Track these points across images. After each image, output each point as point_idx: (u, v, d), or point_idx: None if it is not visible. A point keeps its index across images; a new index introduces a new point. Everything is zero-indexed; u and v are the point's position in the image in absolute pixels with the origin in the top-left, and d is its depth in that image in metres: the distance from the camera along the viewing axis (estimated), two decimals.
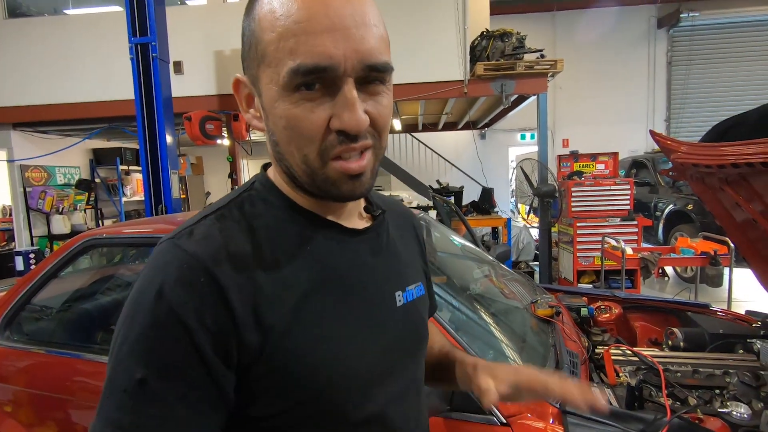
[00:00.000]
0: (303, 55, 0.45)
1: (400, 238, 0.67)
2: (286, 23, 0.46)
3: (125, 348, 0.46)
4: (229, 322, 0.46)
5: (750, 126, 1.64)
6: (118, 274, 2.56)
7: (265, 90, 0.50)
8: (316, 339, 0.50)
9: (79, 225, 6.49)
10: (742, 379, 1.39)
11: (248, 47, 0.51)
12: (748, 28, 9.20)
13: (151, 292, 0.46)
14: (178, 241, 0.49)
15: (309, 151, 0.49)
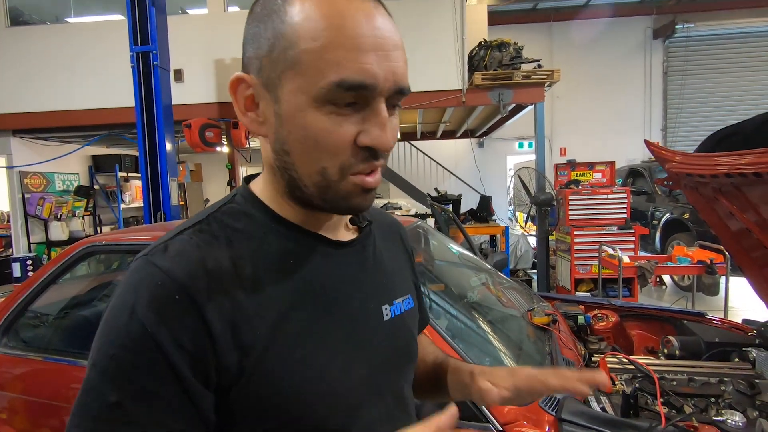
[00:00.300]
0: (350, 70, 0.44)
1: (387, 249, 0.65)
2: (334, 35, 0.44)
3: (96, 370, 0.44)
4: (206, 342, 0.44)
5: (745, 136, 1.66)
6: (116, 281, 2.56)
7: (288, 97, 0.47)
8: (298, 359, 0.48)
9: (78, 231, 6.49)
10: (737, 388, 1.40)
11: (268, 47, 0.47)
12: (742, 39, 9.33)
13: (124, 312, 0.45)
14: (152, 257, 0.47)
15: (330, 165, 0.47)
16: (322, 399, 0.50)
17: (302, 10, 0.45)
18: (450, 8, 4.97)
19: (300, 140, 0.47)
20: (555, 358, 1.35)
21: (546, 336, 1.50)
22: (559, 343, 1.43)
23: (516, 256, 6.22)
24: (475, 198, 6.23)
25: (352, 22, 0.44)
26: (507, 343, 1.45)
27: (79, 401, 0.45)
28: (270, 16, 0.47)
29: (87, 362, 0.46)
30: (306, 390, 0.48)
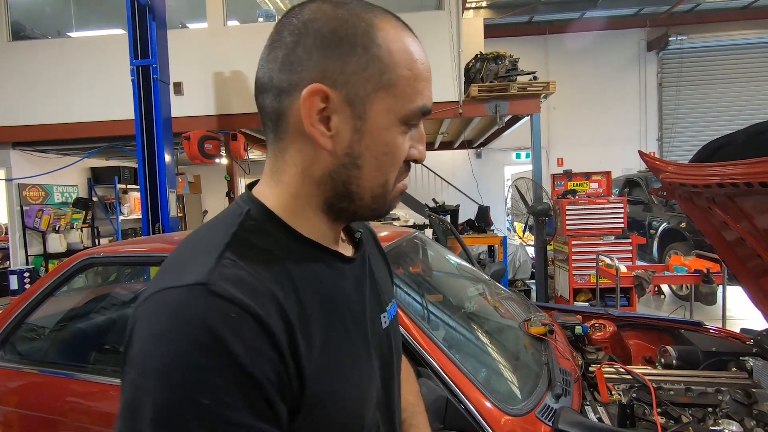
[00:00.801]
0: (427, 99, 0.52)
1: (372, 256, 0.67)
2: (421, 69, 0.51)
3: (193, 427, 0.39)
4: (282, 367, 0.44)
5: (738, 146, 1.68)
6: (114, 293, 2.56)
7: (376, 114, 0.50)
8: (339, 378, 0.50)
9: (76, 244, 6.48)
10: (734, 397, 1.40)
11: (364, 68, 0.49)
12: (734, 51, 9.47)
13: (202, 351, 0.40)
14: (213, 287, 0.42)
15: (391, 176, 0.53)
16: (360, 409, 0.53)
17: (394, 40, 0.50)
18: (446, 22, 5.05)
19: (377, 154, 0.51)
20: (551, 368, 1.35)
21: (543, 346, 1.50)
22: (555, 353, 1.44)
23: (514, 266, 6.22)
24: (474, 208, 6.25)
25: (423, 59, 0.52)
26: (504, 353, 1.45)
27: None
28: (357, 40, 0.49)
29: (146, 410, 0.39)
30: (348, 404, 0.51)
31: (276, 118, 0.52)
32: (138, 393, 0.40)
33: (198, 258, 0.46)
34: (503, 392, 1.20)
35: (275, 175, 0.54)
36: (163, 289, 0.44)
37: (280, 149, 0.53)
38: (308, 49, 0.49)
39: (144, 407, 0.39)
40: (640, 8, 8.97)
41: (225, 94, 5.31)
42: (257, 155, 8.28)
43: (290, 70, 0.49)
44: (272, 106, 0.52)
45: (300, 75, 0.49)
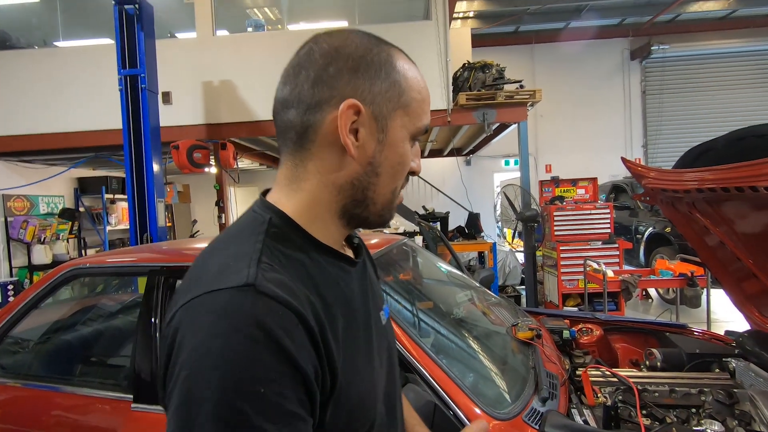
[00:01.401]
0: (426, 119, 0.62)
1: (367, 262, 0.72)
2: (425, 94, 0.62)
3: (251, 415, 0.42)
4: (318, 361, 0.49)
5: (719, 152, 1.73)
6: (100, 304, 2.52)
7: (394, 129, 0.58)
8: (357, 370, 0.56)
9: (61, 255, 6.37)
10: (716, 398, 1.42)
11: (387, 88, 0.57)
12: (714, 59, 9.75)
13: (257, 345, 0.43)
14: (261, 288, 0.46)
15: (398, 185, 0.61)
16: (372, 399, 0.58)
17: (408, 68, 0.60)
18: (434, 31, 5.12)
19: (394, 164, 0.59)
20: (538, 372, 1.36)
21: (530, 350, 1.52)
22: (542, 357, 1.45)
23: (504, 272, 6.26)
24: (464, 215, 6.29)
25: (425, 86, 0.62)
26: (491, 358, 1.47)
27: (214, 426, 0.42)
28: (381, 66, 0.57)
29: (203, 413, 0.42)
30: (366, 393, 0.57)
31: (302, 131, 0.57)
32: (195, 389, 0.43)
33: (237, 263, 0.49)
34: (490, 397, 1.21)
35: (293, 183, 0.59)
36: (205, 293, 0.47)
37: (301, 159, 0.58)
38: (340, 70, 0.55)
39: (203, 402, 0.42)
40: (623, 18, 9.19)
41: (214, 103, 5.31)
42: (247, 164, 8.26)
43: (322, 88, 0.55)
44: (299, 119, 0.57)
45: (332, 92, 0.55)
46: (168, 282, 1.55)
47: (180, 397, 0.43)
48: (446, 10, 5.15)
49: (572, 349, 1.91)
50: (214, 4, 5.38)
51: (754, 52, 9.68)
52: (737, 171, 1.40)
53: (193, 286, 0.49)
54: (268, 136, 5.75)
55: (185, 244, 2.13)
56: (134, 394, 1.45)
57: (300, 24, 7.23)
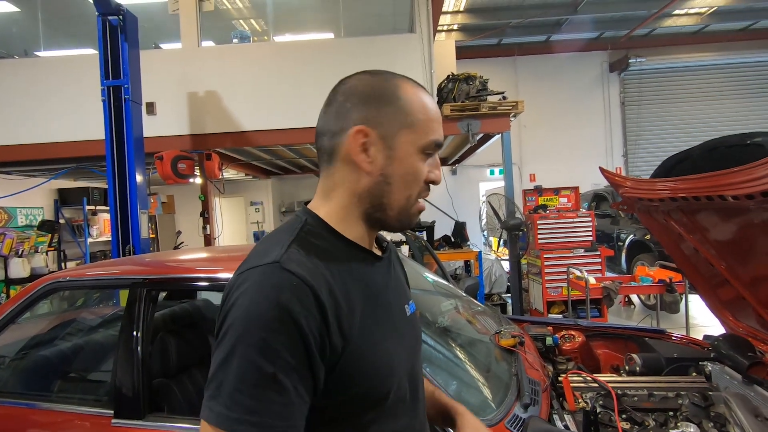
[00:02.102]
0: (438, 135, 0.73)
1: (395, 263, 0.86)
2: (432, 114, 0.72)
3: (252, 350, 0.58)
4: (325, 329, 0.61)
5: (694, 161, 1.79)
6: (80, 319, 2.47)
7: (402, 145, 0.70)
8: (373, 344, 0.67)
9: (40, 268, 6.22)
10: (692, 401, 1.46)
11: (391, 113, 0.70)
12: (688, 72, 10.12)
13: (269, 305, 0.59)
14: (285, 265, 0.62)
15: (413, 193, 0.72)
16: (388, 372, 0.68)
17: (412, 95, 0.72)
18: (419, 44, 5.21)
19: (403, 175, 0.70)
20: (521, 378, 1.39)
21: (513, 358, 1.54)
22: (525, 364, 1.48)
23: (491, 280, 6.30)
24: (450, 224, 6.34)
25: (433, 107, 0.74)
26: (475, 365, 1.49)
27: (232, 372, 0.58)
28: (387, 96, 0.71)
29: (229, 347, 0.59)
30: (378, 366, 0.67)
31: (330, 152, 0.72)
32: (230, 328, 0.60)
33: (273, 248, 0.66)
34: (473, 404, 1.23)
35: (327, 193, 0.74)
36: (250, 268, 0.64)
37: (331, 174, 0.73)
38: (353, 103, 0.71)
39: (235, 337, 0.59)
40: (602, 32, 9.48)
41: (199, 113, 5.29)
42: (232, 174, 8.21)
43: (341, 119, 0.71)
44: (328, 144, 0.72)
45: (347, 121, 0.70)
46: (150, 295, 1.53)
47: (223, 335, 0.61)
48: (430, 23, 5.24)
49: (555, 355, 1.94)
50: (200, 15, 5.38)
51: (726, 64, 10.07)
52: (707, 180, 1.46)
53: (246, 261, 0.67)
54: (253, 147, 5.74)
55: (169, 255, 2.11)
56: (115, 409, 1.42)
57: (286, 36, 7.27)
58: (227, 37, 6.12)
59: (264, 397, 0.57)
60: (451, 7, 8.29)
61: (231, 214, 9.51)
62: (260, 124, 5.14)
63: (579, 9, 8.27)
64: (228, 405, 0.57)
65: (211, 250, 2.49)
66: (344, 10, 5.78)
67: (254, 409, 0.57)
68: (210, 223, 5.47)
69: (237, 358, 0.58)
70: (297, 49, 5.55)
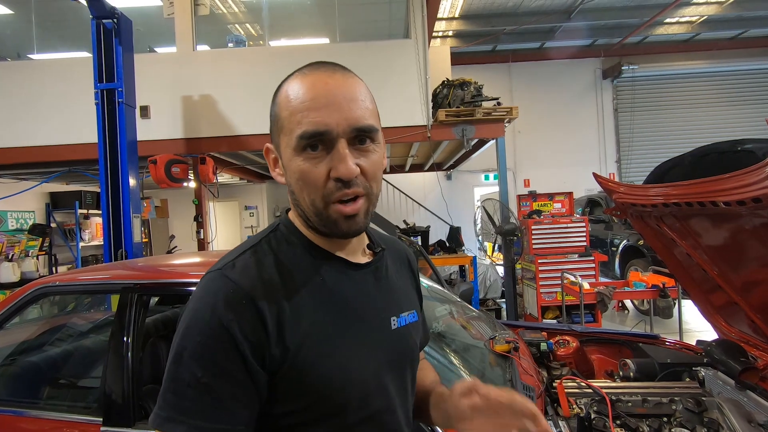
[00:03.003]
0: (306, 125, 0.62)
1: (396, 271, 0.80)
2: (296, 103, 0.64)
3: (187, 354, 0.59)
4: (263, 335, 0.60)
5: (686, 167, 1.80)
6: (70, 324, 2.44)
7: (283, 152, 0.67)
8: (325, 354, 0.63)
9: (30, 272, 6.13)
10: (686, 406, 1.46)
11: (273, 123, 0.68)
12: (681, 79, 10.25)
13: (206, 311, 0.60)
14: (225, 272, 0.63)
15: (315, 197, 0.64)
16: (342, 386, 0.64)
17: (282, 92, 0.67)
18: (413, 50, 5.23)
19: (295, 181, 0.66)
20: (515, 384, 1.38)
21: (507, 363, 1.54)
22: (519, 369, 1.47)
23: (485, 285, 6.31)
24: (445, 229, 6.35)
25: (307, 91, 0.63)
26: (469, 371, 1.48)
27: (171, 373, 0.59)
28: (272, 103, 0.69)
29: (172, 350, 0.60)
30: (330, 377, 0.63)
31: None
32: (177, 334, 0.62)
33: (231, 255, 0.67)
34: None
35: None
36: (206, 273, 0.65)
37: None
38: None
39: (176, 339, 0.61)
40: (595, 40, 9.58)
41: (193, 117, 5.27)
42: (226, 178, 8.18)
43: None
44: None
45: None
46: (142, 299, 1.52)
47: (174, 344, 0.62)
48: (425, 29, 5.28)
49: (550, 361, 1.93)
50: (195, 19, 5.38)
51: (716, 72, 10.21)
52: (699, 186, 1.47)
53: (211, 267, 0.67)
54: (248, 151, 5.72)
55: (161, 260, 2.09)
56: (104, 416, 1.40)
57: (281, 40, 7.29)
58: (222, 42, 6.12)
59: (196, 399, 0.57)
60: (446, 13, 8.36)
61: (225, 219, 9.46)
62: (255, 128, 5.13)
63: (573, 16, 8.37)
64: (161, 405, 0.59)
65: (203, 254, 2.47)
66: (340, 16, 5.81)
67: (183, 410, 0.57)
68: (204, 227, 5.44)
69: (175, 361, 0.59)
70: (292, 54, 5.56)
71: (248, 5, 6.89)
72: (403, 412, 0.73)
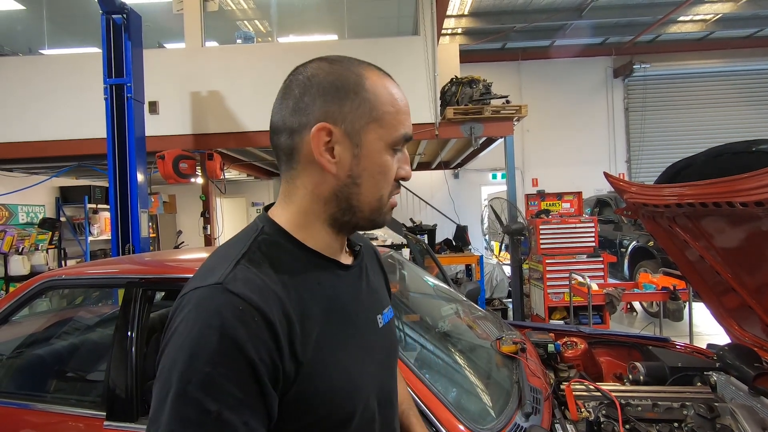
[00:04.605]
0: (408, 128, 0.66)
1: (371, 268, 0.78)
2: (400, 105, 0.66)
3: (193, 387, 0.51)
4: (278, 355, 0.54)
5: (698, 167, 1.76)
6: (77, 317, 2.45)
7: (369, 142, 0.64)
8: (332, 364, 0.61)
9: (40, 266, 6.20)
10: (698, 412, 1.43)
11: (356, 107, 0.63)
12: (694, 79, 10.09)
13: (211, 335, 0.52)
14: (227, 285, 0.55)
15: (385, 192, 0.66)
16: (349, 394, 0.62)
17: (379, 85, 0.65)
18: (422, 47, 5.20)
19: (373, 173, 0.64)
20: (522, 386, 1.36)
21: (514, 364, 1.51)
22: (526, 371, 1.45)
23: (492, 285, 6.27)
24: (451, 228, 6.31)
25: (401, 98, 0.67)
26: (475, 372, 1.46)
27: (174, 411, 0.51)
28: (351, 87, 0.63)
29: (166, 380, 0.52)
30: (338, 388, 0.61)
31: (290, 152, 0.65)
32: (170, 362, 0.53)
33: (220, 265, 0.59)
34: (474, 412, 1.20)
35: (287, 197, 0.67)
36: (193, 289, 0.57)
37: (292, 177, 0.66)
38: (313, 97, 0.63)
39: (172, 373, 0.52)
40: (606, 38, 9.46)
41: (202, 113, 5.29)
42: (233, 175, 8.20)
43: (300, 114, 0.63)
44: (286, 143, 0.65)
45: (308, 117, 0.63)
46: (147, 294, 1.51)
47: (162, 364, 0.54)
48: (434, 26, 5.24)
49: (557, 362, 1.90)
50: (204, 15, 5.39)
51: (731, 72, 10.03)
52: (714, 187, 1.43)
53: (191, 281, 0.59)
54: (256, 147, 5.73)
55: (167, 255, 2.09)
56: (107, 411, 1.40)
57: (289, 37, 7.28)
58: (231, 38, 6.12)
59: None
60: (456, 10, 8.29)
61: (232, 215, 9.50)
62: (263, 124, 5.12)
63: (583, 14, 8.26)
64: None
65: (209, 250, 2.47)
66: (348, 12, 5.79)
67: None
68: (211, 223, 5.46)
69: (177, 396, 0.51)
70: (301, 51, 5.55)
71: (257, 2, 6.89)
72: (394, 408, 0.75)
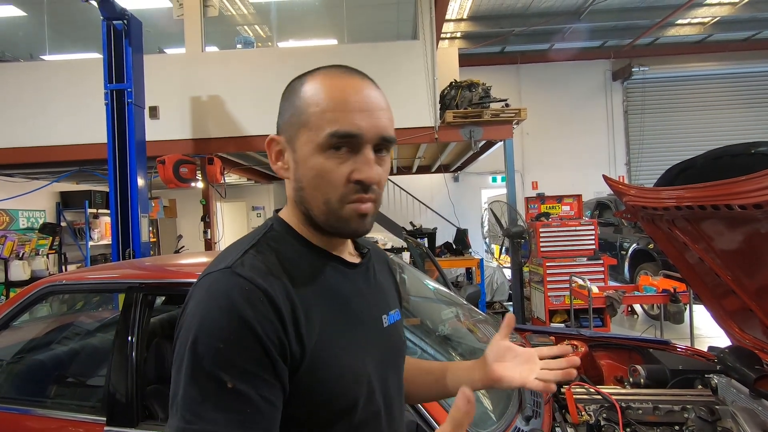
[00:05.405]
0: (340, 124, 0.62)
1: (380, 271, 0.81)
2: (330, 102, 0.63)
3: (207, 362, 0.55)
4: (283, 332, 0.58)
5: (698, 170, 1.77)
6: (77, 322, 2.45)
7: (301, 147, 0.65)
8: (336, 353, 0.63)
9: (40, 271, 6.21)
10: (699, 415, 1.43)
11: (289, 116, 0.67)
12: (692, 82, 10.11)
13: (221, 315, 0.56)
14: (235, 269, 0.60)
15: (332, 195, 0.64)
16: (352, 383, 0.64)
17: (310, 88, 0.65)
18: (422, 51, 5.22)
19: (310, 178, 0.65)
20: (522, 390, 1.35)
21: None
22: None
23: (492, 288, 6.26)
24: (452, 231, 6.31)
25: (343, 93, 0.64)
26: None
27: (190, 386, 0.55)
28: (291, 95, 0.67)
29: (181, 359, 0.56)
30: (338, 375, 0.63)
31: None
32: (183, 342, 0.57)
33: (231, 254, 0.64)
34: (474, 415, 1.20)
35: (287, 199, 0.72)
36: (207, 274, 0.62)
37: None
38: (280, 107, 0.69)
39: (186, 352, 0.56)
40: (605, 41, 9.49)
41: (202, 118, 5.30)
42: (234, 179, 8.22)
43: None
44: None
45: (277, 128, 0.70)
46: (147, 299, 1.51)
47: (177, 346, 0.59)
48: (434, 30, 5.26)
49: None
50: (204, 20, 5.42)
51: (729, 74, 10.06)
52: (713, 189, 1.43)
53: (207, 269, 0.64)
54: (256, 151, 5.74)
55: (167, 260, 2.09)
56: (107, 416, 1.40)
57: (289, 42, 7.31)
58: (231, 43, 6.15)
59: (226, 408, 0.54)
60: (455, 14, 8.33)
61: (232, 219, 9.50)
62: (263, 129, 5.14)
63: (582, 17, 8.30)
64: (187, 418, 0.54)
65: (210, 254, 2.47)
66: (348, 17, 5.81)
67: (216, 420, 0.53)
68: (211, 227, 5.46)
69: (194, 371, 0.55)
70: (300, 56, 5.57)
71: (257, 7, 6.93)
72: (400, 408, 0.76)
